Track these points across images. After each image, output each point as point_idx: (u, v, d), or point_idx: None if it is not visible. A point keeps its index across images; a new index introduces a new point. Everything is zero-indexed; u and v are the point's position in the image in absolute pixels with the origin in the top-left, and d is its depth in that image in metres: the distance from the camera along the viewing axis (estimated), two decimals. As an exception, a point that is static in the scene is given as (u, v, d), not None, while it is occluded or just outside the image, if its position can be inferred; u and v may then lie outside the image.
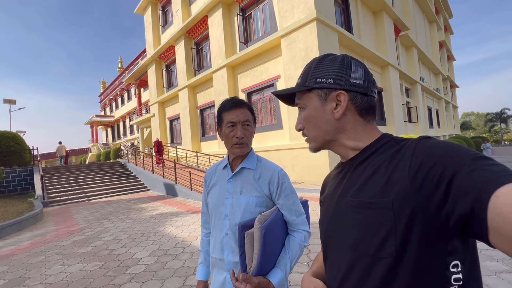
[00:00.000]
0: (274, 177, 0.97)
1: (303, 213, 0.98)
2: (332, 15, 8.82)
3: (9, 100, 19.87)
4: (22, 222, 5.66)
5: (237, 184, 1.00)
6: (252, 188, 0.97)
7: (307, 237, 0.96)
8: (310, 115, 0.59)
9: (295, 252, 0.91)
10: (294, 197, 0.98)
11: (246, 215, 0.94)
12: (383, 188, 0.47)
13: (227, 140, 0.98)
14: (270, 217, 0.87)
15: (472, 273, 0.44)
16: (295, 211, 0.96)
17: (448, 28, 30.64)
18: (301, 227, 0.96)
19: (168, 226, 4.96)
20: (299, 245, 0.93)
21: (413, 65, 16.75)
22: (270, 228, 0.83)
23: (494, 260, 2.66)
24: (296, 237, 0.94)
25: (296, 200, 0.97)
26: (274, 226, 0.86)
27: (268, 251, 0.82)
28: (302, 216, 0.97)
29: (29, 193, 10.07)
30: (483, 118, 56.06)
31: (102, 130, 38.34)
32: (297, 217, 0.96)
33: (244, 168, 1.00)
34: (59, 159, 16.15)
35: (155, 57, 16.76)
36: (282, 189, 0.96)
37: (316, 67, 0.58)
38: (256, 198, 0.96)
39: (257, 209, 0.95)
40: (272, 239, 0.84)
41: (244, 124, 0.97)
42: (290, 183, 0.99)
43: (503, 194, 0.33)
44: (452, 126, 28.51)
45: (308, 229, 0.98)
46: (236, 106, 0.98)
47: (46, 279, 2.97)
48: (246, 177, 1.00)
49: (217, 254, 0.98)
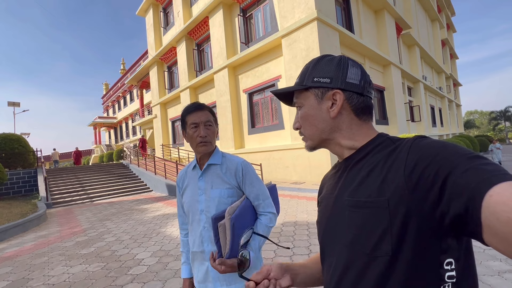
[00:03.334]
0: (238, 168, 1.06)
1: (268, 197, 1.08)
2: (333, 15, 8.80)
3: (13, 103, 20.02)
4: (26, 224, 5.71)
5: (208, 180, 1.08)
6: (221, 181, 1.06)
7: (272, 219, 1.06)
8: (306, 114, 0.60)
9: (263, 232, 1.01)
10: (259, 183, 1.07)
11: (221, 206, 1.03)
12: (379, 187, 0.47)
13: (192, 140, 1.07)
14: (239, 207, 0.98)
15: (466, 271, 0.44)
16: (261, 195, 1.06)
17: (451, 26, 30.43)
18: (267, 209, 1.06)
19: (169, 227, 4.97)
20: (265, 226, 1.03)
21: (416, 63, 16.66)
22: (238, 217, 0.95)
23: (497, 260, 2.63)
24: (262, 219, 1.04)
25: (260, 186, 1.07)
26: (242, 214, 0.98)
27: (238, 237, 0.92)
28: (267, 199, 1.07)
29: (33, 195, 10.16)
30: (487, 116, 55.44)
31: (105, 132, 38.55)
32: (263, 201, 1.06)
33: (211, 165, 1.09)
34: (53, 163, 17.74)
35: (157, 58, 16.83)
36: (247, 177, 1.06)
37: (313, 67, 0.59)
38: (227, 189, 1.05)
39: (229, 199, 1.05)
40: (241, 226, 0.95)
41: (206, 124, 1.06)
42: (254, 171, 1.09)
43: (497, 193, 0.33)
44: (456, 125, 28.30)
45: (274, 210, 1.07)
46: (197, 109, 1.07)
47: (49, 280, 2.99)
48: (214, 172, 1.08)
49: (197, 248, 1.06)
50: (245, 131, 11.19)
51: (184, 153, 13.70)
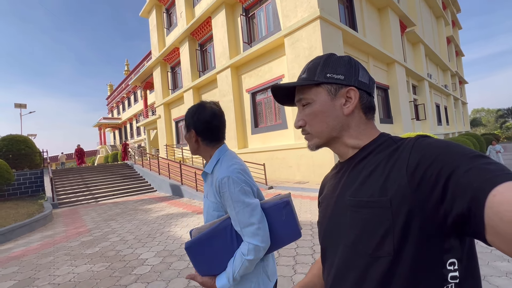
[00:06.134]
0: (217, 185, 0.92)
1: (250, 224, 0.87)
2: (335, 13, 8.74)
3: (19, 104, 20.28)
4: (33, 224, 5.79)
5: (205, 187, 1.05)
6: (211, 192, 0.98)
7: (252, 250, 0.85)
8: (318, 110, 0.58)
9: (237, 264, 0.86)
10: (238, 207, 0.88)
11: (209, 218, 0.98)
12: (381, 187, 0.47)
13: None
14: (208, 229, 0.89)
15: (469, 271, 0.44)
16: (239, 222, 0.88)
17: (456, 23, 30.02)
18: (246, 239, 0.87)
19: (173, 226, 4.99)
20: (240, 257, 0.86)
21: (420, 61, 16.47)
22: (200, 241, 0.88)
23: (505, 260, 2.58)
24: (241, 248, 0.88)
25: (240, 211, 0.88)
26: (211, 238, 0.88)
27: (202, 260, 0.88)
28: (249, 227, 0.87)
29: (39, 195, 10.30)
30: (494, 114, 54.54)
31: (110, 132, 38.92)
32: (242, 228, 0.87)
33: (206, 172, 1.02)
34: (61, 164, 19.94)
35: (160, 59, 16.94)
36: (224, 198, 0.91)
37: (325, 63, 0.58)
38: (212, 203, 0.97)
39: (215, 213, 0.96)
40: (207, 250, 0.88)
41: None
42: (234, 191, 0.89)
43: (500, 193, 0.33)
44: (462, 123, 27.92)
45: (257, 242, 0.86)
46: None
47: (55, 279, 3.02)
48: (208, 181, 1.03)
49: None
50: (248, 131, 11.19)
51: (188, 153, 13.76)
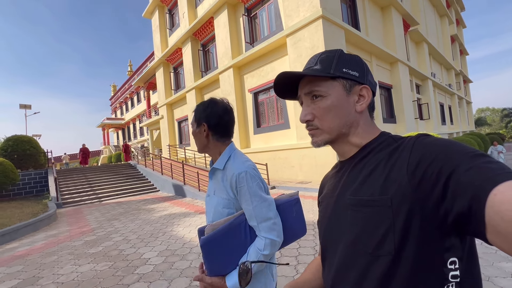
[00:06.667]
0: (233, 180, 0.91)
1: (267, 219, 0.88)
2: (338, 12, 8.70)
3: (24, 105, 20.51)
4: (37, 223, 5.85)
5: (212, 184, 1.03)
6: (222, 189, 0.96)
7: (268, 245, 0.86)
8: (332, 104, 0.56)
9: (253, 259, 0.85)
10: (256, 201, 0.88)
11: (217, 216, 0.95)
12: (382, 186, 0.47)
13: None
14: (224, 225, 0.86)
15: (470, 270, 0.44)
16: (255, 217, 0.87)
17: (460, 22, 29.72)
18: (263, 234, 0.87)
19: (176, 226, 5.01)
20: (256, 252, 0.85)
21: (424, 60, 16.33)
22: (216, 238, 0.84)
23: (510, 261, 2.55)
24: (256, 244, 0.87)
25: (258, 205, 0.88)
26: (226, 234, 0.85)
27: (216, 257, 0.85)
28: (266, 222, 0.88)
29: (44, 195, 10.40)
30: (499, 113, 53.90)
31: (113, 133, 39.19)
32: (259, 223, 0.87)
33: (215, 169, 1.00)
34: (65, 165, 20.66)
35: (163, 59, 17.00)
36: (241, 193, 0.90)
37: (340, 58, 0.57)
38: (223, 199, 0.95)
39: (225, 210, 0.94)
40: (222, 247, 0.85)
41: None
42: (253, 185, 0.90)
43: (501, 192, 0.33)
44: (466, 123, 27.63)
45: (273, 236, 0.87)
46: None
47: (58, 278, 3.05)
48: (217, 178, 1.00)
49: None
50: (251, 131, 11.19)
51: (191, 153, 13.79)
